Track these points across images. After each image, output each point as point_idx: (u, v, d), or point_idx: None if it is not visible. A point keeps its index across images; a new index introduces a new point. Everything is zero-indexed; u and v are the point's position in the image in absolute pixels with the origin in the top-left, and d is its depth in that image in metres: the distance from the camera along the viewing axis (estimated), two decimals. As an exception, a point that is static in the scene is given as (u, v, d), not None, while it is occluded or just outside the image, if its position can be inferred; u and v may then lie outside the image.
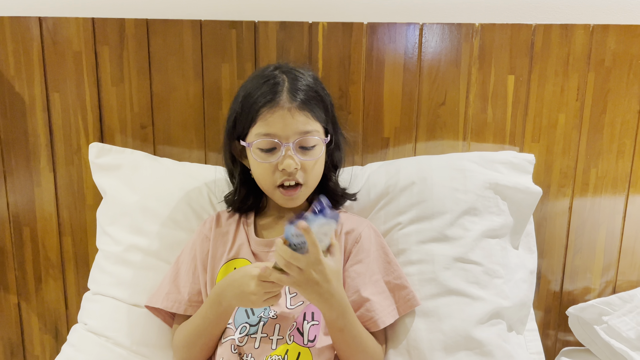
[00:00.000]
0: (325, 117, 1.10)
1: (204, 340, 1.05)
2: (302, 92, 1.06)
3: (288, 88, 1.06)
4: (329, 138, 1.11)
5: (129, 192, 1.26)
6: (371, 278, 1.09)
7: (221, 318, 1.03)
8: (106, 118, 1.37)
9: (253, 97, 1.07)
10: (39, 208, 1.41)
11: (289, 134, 1.05)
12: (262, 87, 1.07)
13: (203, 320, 1.04)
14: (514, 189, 1.23)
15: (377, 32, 1.31)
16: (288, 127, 1.04)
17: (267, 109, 1.05)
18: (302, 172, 1.08)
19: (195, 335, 1.05)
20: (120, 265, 1.20)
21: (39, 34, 1.32)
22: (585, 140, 1.34)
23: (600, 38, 1.29)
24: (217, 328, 1.04)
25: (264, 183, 1.11)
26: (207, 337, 1.05)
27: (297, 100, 1.05)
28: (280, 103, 1.04)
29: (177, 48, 1.33)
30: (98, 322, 1.16)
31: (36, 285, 1.46)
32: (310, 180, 1.10)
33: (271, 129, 1.04)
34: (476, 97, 1.33)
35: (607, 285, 1.41)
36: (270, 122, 1.04)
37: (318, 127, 1.08)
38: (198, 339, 1.05)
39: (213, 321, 1.03)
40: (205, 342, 1.05)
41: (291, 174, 1.06)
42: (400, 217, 1.19)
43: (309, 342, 1.02)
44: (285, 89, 1.06)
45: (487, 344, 1.07)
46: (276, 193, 1.10)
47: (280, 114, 1.04)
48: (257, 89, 1.07)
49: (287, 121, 1.04)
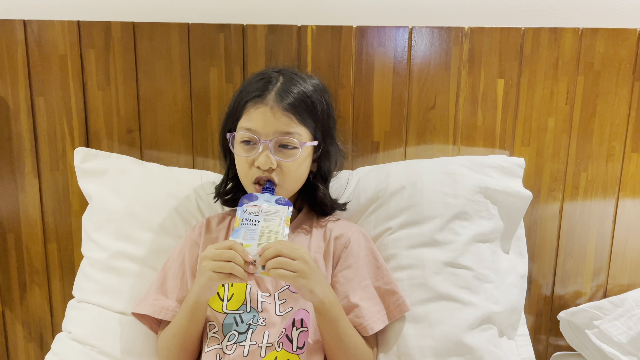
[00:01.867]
0: (314, 125, 1.09)
1: (179, 340, 1.03)
2: (291, 96, 1.05)
3: (278, 88, 1.06)
4: (314, 143, 1.10)
5: (115, 198, 1.24)
6: (360, 283, 1.08)
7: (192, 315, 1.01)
8: (92, 122, 1.35)
9: (245, 91, 1.08)
10: (23, 214, 1.39)
11: (269, 132, 1.04)
12: (256, 83, 1.08)
13: (178, 318, 1.04)
14: (504, 193, 1.23)
15: (366, 36, 1.30)
16: (268, 125, 1.04)
17: (252, 104, 1.06)
18: (279, 173, 1.06)
19: (172, 335, 1.04)
20: (105, 272, 1.18)
21: (23, 38, 1.31)
22: (575, 144, 1.34)
23: (589, 42, 1.29)
24: (191, 327, 1.02)
25: (242, 177, 1.11)
26: (182, 337, 1.03)
27: (284, 102, 1.04)
28: (265, 100, 1.05)
29: (164, 51, 1.31)
30: (83, 330, 1.14)
31: (21, 292, 1.43)
32: (287, 182, 1.08)
33: (252, 124, 1.05)
34: (466, 100, 1.32)
35: (598, 289, 1.41)
36: (253, 117, 1.05)
37: (302, 131, 1.07)
38: (174, 339, 1.04)
39: (185, 317, 1.02)
40: (180, 342, 1.03)
41: (265, 171, 1.05)
42: (390, 222, 1.18)
43: (298, 349, 1.01)
44: (275, 88, 1.06)
45: (478, 349, 1.06)
46: (252, 188, 1.09)
47: (262, 111, 1.04)
48: (251, 84, 1.09)
49: (267, 119, 1.04)
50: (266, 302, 1.05)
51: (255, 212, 0.97)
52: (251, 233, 0.95)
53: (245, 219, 0.97)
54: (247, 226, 0.96)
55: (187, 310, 1.01)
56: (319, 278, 0.97)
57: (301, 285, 0.94)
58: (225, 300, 1.06)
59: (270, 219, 0.96)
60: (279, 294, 1.06)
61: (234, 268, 0.91)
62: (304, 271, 0.93)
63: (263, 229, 0.96)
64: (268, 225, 0.96)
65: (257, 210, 0.98)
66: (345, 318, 1.03)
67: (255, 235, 0.95)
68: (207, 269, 0.93)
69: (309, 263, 0.94)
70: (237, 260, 0.91)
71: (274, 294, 1.06)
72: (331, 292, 1.01)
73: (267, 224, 0.96)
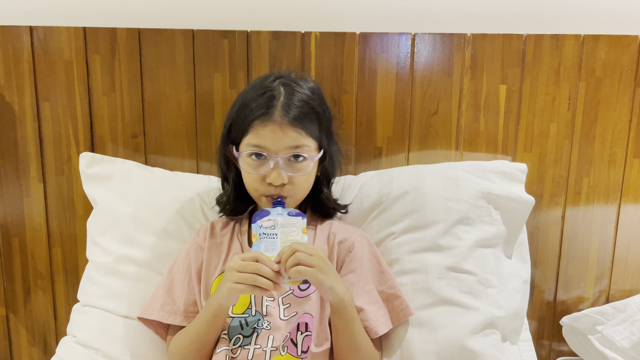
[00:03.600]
0: (318, 133, 1.09)
1: (197, 345, 1.03)
2: (296, 108, 1.06)
3: (283, 103, 1.06)
4: (321, 153, 1.11)
5: (120, 202, 1.25)
6: (364, 288, 1.08)
7: (213, 321, 1.01)
8: (97, 127, 1.36)
9: (248, 108, 1.07)
10: (28, 218, 1.40)
11: (279, 149, 1.05)
12: (259, 99, 1.07)
13: (196, 324, 1.04)
14: (507, 198, 1.23)
15: (369, 42, 1.31)
16: (278, 142, 1.04)
17: (259, 122, 1.05)
18: (290, 186, 1.08)
19: (189, 340, 1.04)
20: (110, 276, 1.19)
21: (29, 43, 1.32)
22: (577, 150, 1.35)
23: (590, 48, 1.30)
24: (210, 333, 1.03)
25: (252, 191, 1.11)
26: (200, 343, 1.03)
27: (290, 116, 1.05)
28: (272, 117, 1.04)
29: (169, 57, 1.32)
30: (87, 334, 1.14)
31: (25, 296, 1.43)
32: (297, 194, 1.10)
33: (262, 141, 1.05)
34: (468, 106, 1.33)
35: (601, 294, 1.41)
36: (262, 134, 1.05)
37: (310, 142, 1.07)
38: (191, 344, 1.04)
39: (205, 323, 1.02)
40: (197, 347, 1.04)
41: (277, 187, 1.06)
42: (393, 227, 1.19)
43: (302, 353, 1.01)
44: (279, 104, 1.05)
45: (481, 354, 1.06)
46: (262, 200, 1.10)
47: (271, 128, 1.04)
48: (254, 100, 1.07)
49: (277, 136, 1.04)
50: (270, 306, 1.05)
51: (271, 226, 0.99)
52: (272, 245, 0.96)
53: (262, 234, 0.98)
54: (266, 239, 0.97)
55: (208, 316, 1.01)
56: (336, 276, 0.98)
57: (321, 281, 0.94)
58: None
59: (288, 230, 0.98)
60: (283, 298, 1.06)
61: (256, 280, 0.91)
62: (321, 267, 0.94)
63: (283, 240, 0.96)
64: (287, 236, 0.97)
65: (272, 224, 0.99)
66: (358, 318, 1.04)
67: (277, 246, 0.96)
68: (231, 280, 0.93)
69: (324, 260, 0.95)
70: (263, 271, 0.92)
71: (278, 298, 1.06)
72: (348, 291, 1.02)
73: (286, 235, 0.97)
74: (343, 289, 0.99)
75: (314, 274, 0.93)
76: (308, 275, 0.93)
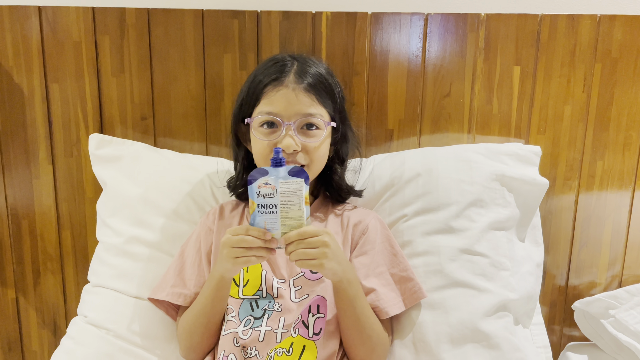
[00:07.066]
0: (332, 106, 1.08)
1: (203, 320, 1.03)
2: (310, 76, 1.05)
3: (296, 70, 1.05)
4: (334, 124, 1.09)
5: (129, 184, 1.24)
6: (375, 270, 1.07)
7: (217, 293, 1.01)
8: (106, 109, 1.35)
9: (259, 78, 1.06)
10: (37, 201, 1.39)
11: (291, 114, 1.03)
12: (270, 68, 1.07)
13: (200, 299, 1.04)
14: (521, 181, 1.22)
15: (381, 22, 1.29)
16: (291, 107, 1.03)
17: (271, 87, 1.04)
18: (305, 154, 1.06)
19: (195, 315, 1.04)
20: (121, 257, 1.19)
21: (38, 24, 1.30)
22: (592, 133, 1.33)
23: (606, 29, 1.28)
24: (215, 306, 1.02)
25: (263, 163, 1.07)
26: (205, 317, 1.03)
27: (304, 83, 1.04)
28: (285, 82, 1.04)
29: (178, 38, 1.31)
30: (98, 314, 1.14)
31: (34, 279, 1.43)
32: (313, 162, 1.07)
33: (274, 107, 1.03)
34: (481, 88, 1.31)
35: (613, 279, 1.40)
36: (274, 100, 1.03)
37: (323, 111, 1.06)
38: (197, 319, 1.03)
39: (209, 296, 1.01)
40: (204, 323, 1.03)
41: (290, 154, 1.04)
42: (405, 209, 1.18)
43: (314, 335, 1.01)
44: (292, 71, 1.05)
45: (494, 336, 1.05)
46: None
47: (284, 93, 1.03)
48: (265, 70, 1.07)
49: (290, 101, 1.03)
50: (281, 288, 1.04)
51: (270, 194, 0.92)
52: (272, 223, 0.92)
53: (260, 205, 0.92)
54: (266, 215, 0.92)
55: (212, 288, 1.01)
56: (338, 257, 0.95)
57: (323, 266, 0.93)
58: (241, 286, 1.06)
59: (288, 201, 0.93)
60: (294, 280, 1.06)
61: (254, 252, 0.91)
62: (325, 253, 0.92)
63: (283, 216, 0.92)
64: (288, 211, 0.93)
65: (271, 192, 0.92)
66: (364, 298, 1.02)
67: (277, 225, 0.92)
68: (229, 256, 0.92)
69: (328, 244, 0.92)
70: (257, 244, 0.91)
71: (288, 280, 1.06)
72: (351, 270, 1.01)
73: (287, 210, 0.92)
74: (343, 268, 0.97)
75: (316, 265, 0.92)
76: (311, 267, 0.93)
